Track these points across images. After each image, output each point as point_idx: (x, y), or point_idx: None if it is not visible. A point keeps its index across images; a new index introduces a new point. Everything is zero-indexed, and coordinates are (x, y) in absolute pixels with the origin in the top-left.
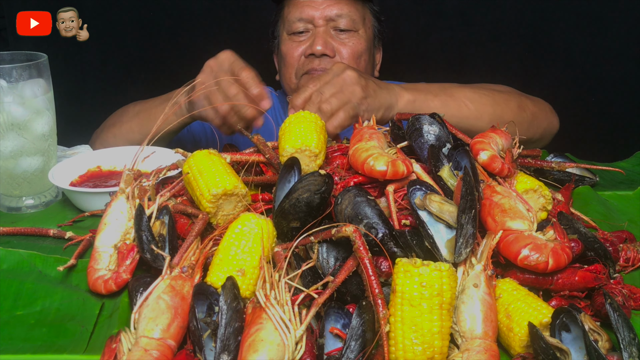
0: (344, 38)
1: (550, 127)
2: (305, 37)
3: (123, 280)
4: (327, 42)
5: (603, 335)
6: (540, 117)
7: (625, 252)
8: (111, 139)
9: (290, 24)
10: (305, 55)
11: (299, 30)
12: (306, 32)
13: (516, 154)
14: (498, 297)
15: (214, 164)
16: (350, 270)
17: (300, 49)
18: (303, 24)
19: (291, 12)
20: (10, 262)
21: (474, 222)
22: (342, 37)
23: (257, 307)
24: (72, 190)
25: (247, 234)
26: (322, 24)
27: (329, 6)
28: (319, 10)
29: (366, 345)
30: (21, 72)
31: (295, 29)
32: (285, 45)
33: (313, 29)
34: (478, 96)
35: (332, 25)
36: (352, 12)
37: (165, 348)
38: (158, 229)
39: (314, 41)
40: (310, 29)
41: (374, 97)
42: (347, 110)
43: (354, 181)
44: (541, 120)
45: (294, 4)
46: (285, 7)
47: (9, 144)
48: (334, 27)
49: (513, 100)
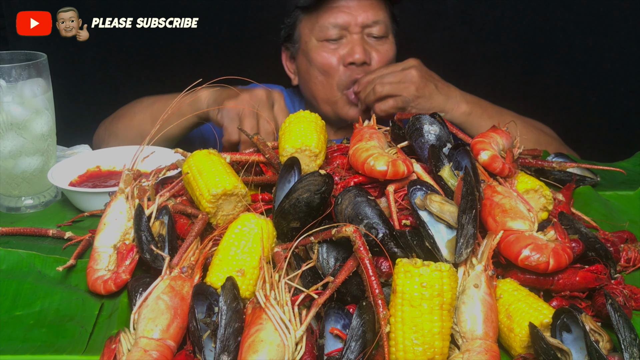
0: (376, 44)
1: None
2: (337, 44)
3: (122, 280)
4: (366, 50)
5: (604, 336)
6: None
7: (626, 252)
8: (121, 130)
9: (324, 30)
10: (344, 65)
11: (333, 37)
12: (339, 40)
13: (517, 154)
14: (499, 297)
15: (213, 164)
16: (350, 271)
17: (337, 57)
18: (337, 31)
19: (324, 18)
20: (9, 262)
21: (474, 222)
22: (374, 44)
23: (257, 307)
24: (71, 190)
25: (247, 234)
26: (357, 30)
27: (365, 12)
28: (354, 16)
29: (366, 346)
30: (20, 71)
31: (328, 36)
32: (319, 53)
33: (347, 35)
34: (526, 131)
35: (367, 32)
36: (386, 18)
37: (164, 348)
38: (157, 229)
39: (353, 49)
40: (344, 35)
41: (426, 99)
42: (397, 101)
43: (354, 181)
44: None
45: (328, 9)
46: (315, 13)
47: (8, 144)
48: (368, 33)
49: (553, 145)
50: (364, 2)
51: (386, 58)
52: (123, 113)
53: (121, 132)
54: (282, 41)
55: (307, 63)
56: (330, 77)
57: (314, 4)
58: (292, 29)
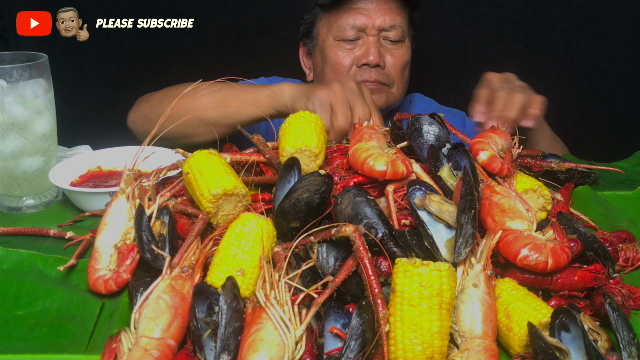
0: (391, 48)
1: None
2: (353, 45)
3: (123, 280)
4: (380, 53)
5: (602, 335)
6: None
7: (625, 252)
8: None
9: (341, 30)
10: (357, 65)
11: (349, 38)
12: (356, 41)
13: (516, 154)
14: (497, 296)
15: (214, 164)
16: (350, 270)
17: (351, 57)
18: (355, 32)
19: (342, 18)
20: (10, 262)
21: (473, 222)
22: (389, 47)
23: (257, 306)
24: (72, 191)
25: (247, 234)
26: (374, 33)
27: (383, 15)
28: (372, 19)
29: (366, 345)
30: (21, 72)
31: (345, 37)
32: (334, 51)
33: (364, 37)
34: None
35: (383, 35)
36: (403, 23)
37: (165, 348)
38: (158, 229)
39: (368, 51)
40: (360, 36)
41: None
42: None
43: (354, 181)
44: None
45: (346, 10)
46: (334, 12)
47: (10, 144)
48: (385, 37)
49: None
50: (383, 5)
51: (401, 62)
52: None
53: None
54: (300, 37)
55: (322, 60)
56: (340, 76)
57: (333, 3)
58: (311, 26)
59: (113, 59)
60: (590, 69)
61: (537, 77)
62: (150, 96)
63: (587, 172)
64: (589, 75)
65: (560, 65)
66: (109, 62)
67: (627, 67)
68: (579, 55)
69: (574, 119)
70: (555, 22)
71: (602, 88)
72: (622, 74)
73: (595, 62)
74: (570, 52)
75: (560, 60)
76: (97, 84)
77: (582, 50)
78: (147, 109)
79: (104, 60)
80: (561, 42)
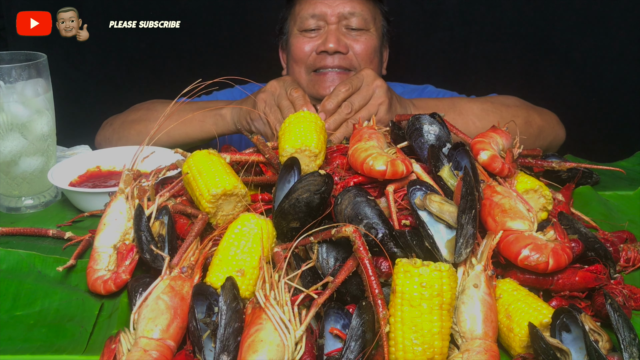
0: (355, 35)
1: (556, 139)
2: (316, 34)
3: (122, 280)
4: (339, 39)
5: (603, 336)
6: (546, 131)
7: (626, 252)
8: (134, 137)
9: (302, 21)
10: (316, 52)
11: (311, 27)
12: (317, 30)
13: (516, 154)
14: (498, 297)
15: (213, 164)
16: (350, 271)
17: (311, 45)
18: (315, 21)
19: (303, 9)
20: (9, 262)
21: (474, 222)
22: (354, 35)
23: (257, 307)
24: (71, 191)
25: (246, 234)
26: (334, 21)
27: (342, 4)
28: (331, 7)
29: (366, 346)
30: (20, 72)
31: (307, 26)
32: (296, 41)
33: (325, 26)
34: (485, 113)
35: (345, 24)
36: (364, 11)
37: (164, 348)
38: (157, 229)
39: (327, 39)
40: (322, 26)
41: (393, 113)
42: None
43: (354, 181)
44: (547, 134)
45: (308, 0)
46: (297, 4)
47: (9, 144)
48: (346, 25)
49: (521, 115)
50: None
51: (368, 48)
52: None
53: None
54: (277, 34)
55: (287, 53)
56: (301, 63)
57: None
58: (282, 23)
59: (113, 59)
60: (591, 69)
61: (537, 77)
62: (113, 119)
63: (588, 173)
64: (590, 75)
65: (560, 65)
66: (109, 62)
67: (627, 67)
68: (579, 56)
69: (575, 119)
70: (556, 21)
71: (602, 88)
72: (622, 74)
73: (595, 62)
74: (570, 52)
75: (560, 60)
76: (97, 84)
77: (582, 51)
78: (109, 133)
79: (104, 60)
80: (561, 42)
